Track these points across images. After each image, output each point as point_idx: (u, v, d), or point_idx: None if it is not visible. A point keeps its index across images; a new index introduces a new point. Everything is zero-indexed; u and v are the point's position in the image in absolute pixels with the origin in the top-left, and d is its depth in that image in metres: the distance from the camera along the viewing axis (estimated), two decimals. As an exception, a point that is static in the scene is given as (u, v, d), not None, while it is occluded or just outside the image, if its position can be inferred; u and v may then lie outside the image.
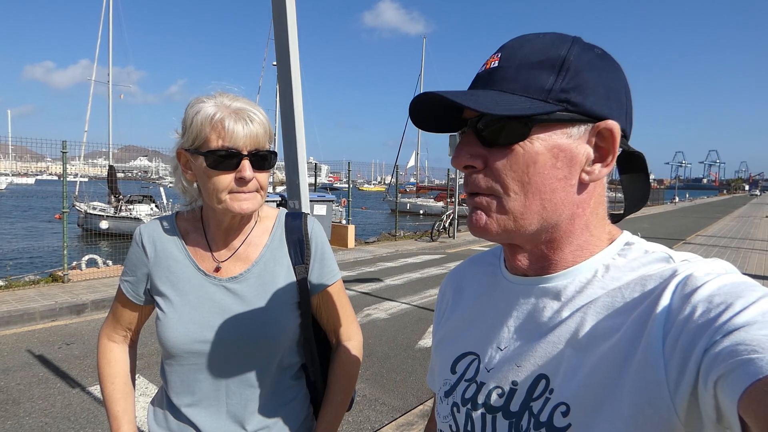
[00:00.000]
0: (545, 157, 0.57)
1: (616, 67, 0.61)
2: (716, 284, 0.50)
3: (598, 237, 0.63)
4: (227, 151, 1.00)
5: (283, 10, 2.58)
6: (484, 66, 0.62)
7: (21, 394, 3.90)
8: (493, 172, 0.59)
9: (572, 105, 0.57)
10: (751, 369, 0.41)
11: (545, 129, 0.57)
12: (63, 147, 7.39)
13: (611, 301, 0.58)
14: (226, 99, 1.03)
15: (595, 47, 0.61)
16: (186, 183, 1.11)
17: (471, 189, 0.61)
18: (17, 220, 23.29)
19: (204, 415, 1.11)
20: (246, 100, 1.06)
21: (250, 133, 1.01)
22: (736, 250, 13.14)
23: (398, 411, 3.76)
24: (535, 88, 0.57)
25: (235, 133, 0.99)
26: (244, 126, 1.00)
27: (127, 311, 1.19)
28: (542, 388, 0.59)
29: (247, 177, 1.01)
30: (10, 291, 6.65)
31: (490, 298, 0.72)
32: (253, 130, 1.01)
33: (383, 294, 7.56)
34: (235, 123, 1.00)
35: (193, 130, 1.01)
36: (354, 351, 1.23)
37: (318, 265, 1.18)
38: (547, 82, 0.57)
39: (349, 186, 13.92)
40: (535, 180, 0.58)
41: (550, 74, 0.57)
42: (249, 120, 1.01)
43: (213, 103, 1.02)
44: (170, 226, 1.16)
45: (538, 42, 0.59)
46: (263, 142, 1.04)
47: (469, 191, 0.61)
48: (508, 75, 0.59)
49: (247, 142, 1.01)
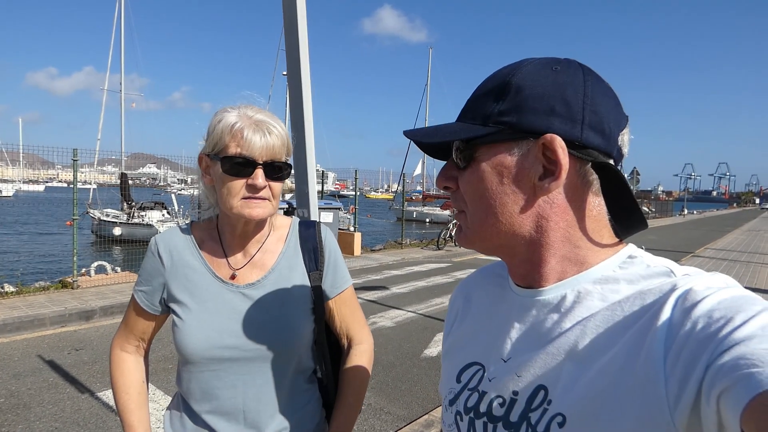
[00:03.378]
0: (490, 174, 0.63)
1: (572, 80, 0.60)
2: (716, 299, 0.51)
3: (588, 249, 0.63)
4: (243, 159, 1.04)
5: (294, 21, 2.63)
6: None
7: (31, 399, 3.95)
8: (460, 192, 0.67)
9: (509, 125, 0.61)
10: (751, 383, 0.41)
11: (488, 150, 0.63)
12: (74, 155, 7.50)
13: (611, 315, 0.58)
14: (249, 110, 1.08)
15: (556, 63, 0.62)
16: (204, 187, 1.15)
17: (452, 207, 0.71)
18: (28, 226, 23.51)
19: (223, 421, 1.12)
20: (268, 113, 1.10)
21: (267, 144, 1.05)
22: (746, 264, 13.01)
23: (403, 420, 3.76)
24: (480, 115, 0.63)
25: (253, 143, 1.04)
26: (262, 137, 1.05)
27: (141, 321, 1.20)
28: (541, 398, 0.60)
29: (259, 185, 1.05)
30: (21, 297, 6.73)
31: (497, 308, 0.73)
32: (269, 141, 1.06)
33: (389, 302, 7.56)
34: (254, 133, 1.04)
35: (214, 136, 1.07)
36: (366, 355, 1.26)
37: (331, 272, 1.22)
38: (488, 108, 0.62)
39: (356, 193, 13.96)
40: (485, 195, 0.63)
41: (493, 100, 0.62)
42: (267, 132, 1.06)
43: (236, 113, 1.07)
44: (186, 235, 1.19)
45: (499, 72, 0.65)
46: (279, 154, 1.09)
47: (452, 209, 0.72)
48: (468, 107, 0.66)
49: (263, 153, 1.05)
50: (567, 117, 0.59)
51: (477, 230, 0.65)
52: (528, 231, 0.63)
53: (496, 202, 0.63)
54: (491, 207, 0.63)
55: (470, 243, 0.68)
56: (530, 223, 0.63)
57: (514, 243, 0.64)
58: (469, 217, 0.66)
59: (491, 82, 0.65)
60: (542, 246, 0.63)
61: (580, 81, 0.61)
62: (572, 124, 0.59)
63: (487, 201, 0.63)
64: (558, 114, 0.59)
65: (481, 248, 0.68)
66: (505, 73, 0.64)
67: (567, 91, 0.60)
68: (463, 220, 0.68)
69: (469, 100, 0.67)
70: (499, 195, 0.62)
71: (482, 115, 0.63)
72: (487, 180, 0.63)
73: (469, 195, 0.65)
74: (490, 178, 0.63)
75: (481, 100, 0.64)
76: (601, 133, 0.60)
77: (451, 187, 0.68)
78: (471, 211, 0.66)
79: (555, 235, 0.63)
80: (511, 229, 0.63)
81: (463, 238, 0.69)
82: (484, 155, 0.63)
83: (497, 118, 0.61)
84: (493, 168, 0.62)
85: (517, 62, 0.65)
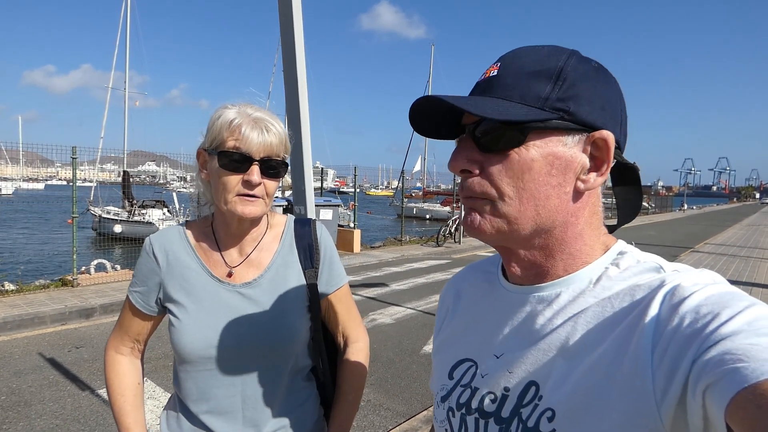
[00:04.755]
0: (540, 164, 0.59)
1: (612, 80, 0.63)
2: (703, 294, 0.51)
3: (591, 246, 0.64)
4: (240, 154, 1.05)
5: (289, 18, 2.64)
6: (484, 75, 0.63)
7: (32, 396, 3.96)
8: (488, 177, 0.60)
9: (568, 114, 0.58)
10: (736, 378, 0.42)
11: (541, 136, 0.59)
12: (73, 153, 7.50)
13: (601, 311, 0.59)
14: (249, 108, 1.08)
15: (592, 60, 0.62)
16: (201, 183, 1.15)
17: (466, 193, 0.63)
18: (28, 224, 23.52)
19: (220, 421, 1.12)
20: (268, 111, 1.11)
21: (264, 141, 1.06)
22: (746, 259, 13.00)
23: (402, 416, 3.78)
24: (532, 96, 0.58)
25: (250, 139, 1.04)
26: (260, 134, 1.05)
27: (137, 322, 1.19)
28: (532, 394, 0.60)
29: (254, 181, 1.05)
30: (21, 295, 6.74)
31: (487, 305, 0.73)
32: (267, 139, 1.06)
33: (388, 299, 7.58)
34: (252, 130, 1.05)
35: (212, 131, 1.07)
36: (362, 352, 1.27)
37: (327, 270, 1.22)
38: (543, 91, 0.58)
39: (356, 190, 13.96)
40: (530, 186, 0.59)
41: (547, 83, 0.58)
42: (265, 129, 1.06)
43: (236, 110, 1.07)
44: (181, 234, 1.19)
45: (536, 53, 0.61)
46: (276, 151, 1.09)
47: (464, 195, 0.63)
48: (506, 83, 0.60)
49: (260, 149, 1.05)
50: (612, 116, 0.61)
51: (511, 220, 0.60)
52: (557, 225, 0.62)
53: (540, 193, 0.59)
54: (534, 197, 0.59)
55: (493, 233, 0.62)
56: (561, 217, 0.61)
57: (536, 236, 0.62)
58: (501, 205, 0.60)
59: (536, 63, 0.60)
60: (560, 241, 0.63)
61: (616, 83, 0.64)
62: (615, 124, 0.62)
63: (531, 191, 0.59)
64: (607, 112, 0.61)
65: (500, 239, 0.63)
66: (553, 57, 0.60)
67: (610, 91, 0.62)
68: (484, 207, 0.61)
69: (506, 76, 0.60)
70: (544, 186, 0.59)
71: (535, 97, 0.58)
72: (536, 168, 0.59)
73: (505, 182, 0.60)
74: (539, 166, 0.59)
75: (527, 79, 0.59)
76: (626, 135, 0.65)
77: (472, 172, 0.62)
78: (506, 199, 0.60)
79: (574, 231, 0.63)
80: (546, 222, 0.61)
81: (485, 227, 0.62)
82: (535, 141, 0.59)
83: (554, 104, 0.58)
84: (543, 156, 0.59)
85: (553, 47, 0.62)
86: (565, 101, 0.58)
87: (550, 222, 0.61)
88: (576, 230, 0.63)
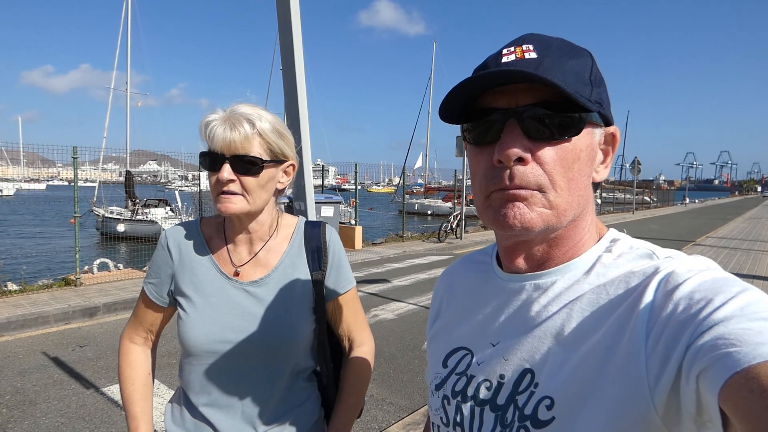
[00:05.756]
0: (584, 154, 0.60)
1: None
2: (697, 281, 0.52)
3: (591, 234, 0.65)
4: (212, 153, 1.06)
5: (288, 15, 2.64)
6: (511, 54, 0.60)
7: (37, 395, 3.99)
8: (542, 167, 0.58)
9: (602, 108, 0.61)
10: (729, 362, 0.42)
11: (586, 127, 0.60)
12: (74, 153, 7.52)
13: (596, 298, 0.59)
14: (237, 107, 1.08)
15: None
16: None
17: (517, 183, 0.58)
18: (30, 225, 23.58)
19: (220, 415, 1.14)
20: (252, 107, 1.09)
21: (226, 138, 1.05)
22: (747, 251, 13.00)
23: (405, 411, 3.79)
24: (581, 87, 0.59)
25: (215, 138, 1.05)
26: (223, 131, 1.05)
27: (150, 313, 1.22)
28: (528, 381, 0.60)
29: (223, 178, 1.05)
30: (25, 295, 6.77)
31: (482, 294, 0.73)
32: (228, 136, 1.05)
33: (390, 295, 7.59)
34: (218, 128, 1.05)
35: (201, 135, 1.10)
36: (366, 356, 1.27)
37: (334, 273, 1.22)
38: (587, 83, 0.60)
39: (357, 187, 13.96)
40: (576, 176, 0.60)
41: (587, 76, 0.60)
42: (230, 127, 1.05)
43: (220, 111, 1.08)
44: (194, 230, 1.21)
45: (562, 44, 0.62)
46: (244, 148, 1.06)
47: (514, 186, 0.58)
48: (555, 67, 0.58)
49: (224, 146, 1.05)
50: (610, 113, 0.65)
51: (561, 212, 0.59)
52: (579, 214, 0.63)
53: (581, 184, 0.61)
54: (578, 188, 0.61)
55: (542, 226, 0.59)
56: (583, 206, 0.63)
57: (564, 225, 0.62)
58: (553, 196, 0.58)
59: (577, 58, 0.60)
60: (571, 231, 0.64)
61: None
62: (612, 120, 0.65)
63: (577, 181, 0.60)
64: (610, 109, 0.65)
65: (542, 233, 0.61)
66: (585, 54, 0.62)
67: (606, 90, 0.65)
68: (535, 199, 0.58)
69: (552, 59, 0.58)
70: (583, 176, 0.61)
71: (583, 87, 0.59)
72: (582, 158, 0.60)
73: (557, 171, 0.58)
74: (583, 156, 0.60)
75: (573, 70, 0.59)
76: None
77: (524, 160, 0.58)
78: (558, 189, 0.59)
79: (583, 221, 0.65)
80: (578, 212, 0.62)
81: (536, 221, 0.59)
82: (584, 131, 0.60)
83: (595, 98, 0.60)
84: (585, 147, 0.61)
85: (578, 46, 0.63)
86: (598, 96, 0.61)
87: (579, 212, 0.63)
88: (585, 220, 0.65)
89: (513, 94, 0.59)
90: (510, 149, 0.57)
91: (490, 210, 0.61)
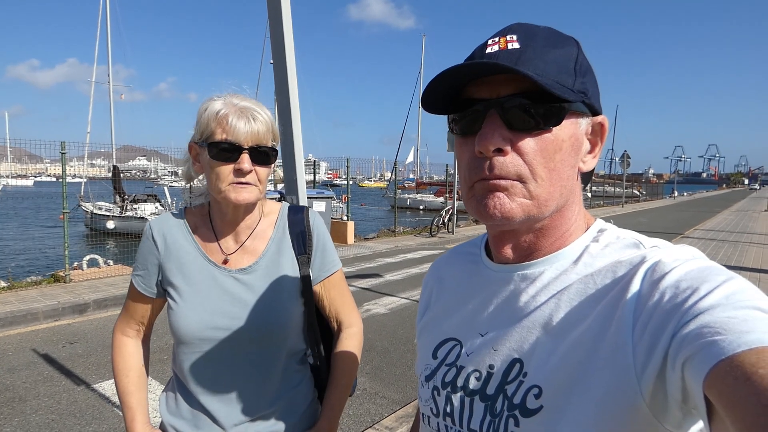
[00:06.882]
0: (567, 144, 0.60)
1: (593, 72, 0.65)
2: (683, 270, 0.52)
3: (578, 225, 0.66)
4: (229, 144, 1.07)
5: (278, 8, 2.63)
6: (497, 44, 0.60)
7: (27, 392, 3.96)
8: (522, 157, 0.58)
9: (587, 97, 0.60)
10: (714, 350, 0.42)
11: (569, 117, 0.60)
12: (62, 148, 7.42)
13: (584, 287, 0.60)
14: (234, 98, 1.11)
15: None
16: (194, 174, 1.19)
17: (497, 173, 0.58)
18: (18, 221, 23.30)
19: (216, 401, 1.15)
20: (254, 100, 1.13)
21: (251, 130, 1.08)
22: (734, 243, 13.17)
23: (398, 404, 3.81)
24: (564, 76, 0.58)
25: (237, 129, 1.07)
26: (246, 123, 1.08)
27: (140, 305, 1.23)
28: (516, 371, 0.61)
29: (245, 169, 1.08)
30: (13, 292, 6.70)
31: (471, 285, 0.73)
32: (254, 127, 1.09)
33: (383, 289, 7.61)
34: (238, 119, 1.07)
35: (201, 124, 1.10)
36: (355, 337, 1.29)
37: (320, 256, 1.24)
38: (571, 72, 0.59)
39: (348, 183, 13.94)
40: (559, 167, 0.60)
41: (571, 65, 0.59)
42: (252, 118, 1.09)
43: (222, 101, 1.10)
44: (179, 220, 1.22)
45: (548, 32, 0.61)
46: (265, 139, 1.11)
47: (494, 176, 0.59)
48: (537, 57, 0.58)
49: (248, 138, 1.08)
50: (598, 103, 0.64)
51: (542, 202, 0.60)
52: (564, 204, 0.63)
53: (564, 174, 0.60)
54: (560, 178, 0.60)
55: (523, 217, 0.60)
56: (567, 196, 0.63)
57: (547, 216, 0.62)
58: (533, 187, 0.59)
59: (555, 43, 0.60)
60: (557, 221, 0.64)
61: None
62: None
63: (559, 171, 0.60)
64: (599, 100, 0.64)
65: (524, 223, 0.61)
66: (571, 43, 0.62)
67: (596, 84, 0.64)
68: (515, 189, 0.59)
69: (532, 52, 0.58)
70: (567, 167, 0.61)
71: (567, 77, 0.59)
72: (564, 149, 0.60)
73: (538, 161, 0.58)
74: (566, 147, 0.60)
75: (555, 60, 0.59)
76: None
77: (503, 151, 0.58)
78: (539, 180, 0.59)
79: (569, 211, 0.65)
80: (561, 203, 0.62)
81: (516, 211, 0.59)
82: (566, 121, 0.59)
83: (578, 86, 0.60)
84: (569, 137, 0.60)
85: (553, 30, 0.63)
86: (582, 85, 0.60)
87: (563, 203, 0.62)
88: (571, 210, 0.65)
89: (495, 84, 0.59)
90: (489, 140, 0.58)
91: (474, 200, 0.62)
